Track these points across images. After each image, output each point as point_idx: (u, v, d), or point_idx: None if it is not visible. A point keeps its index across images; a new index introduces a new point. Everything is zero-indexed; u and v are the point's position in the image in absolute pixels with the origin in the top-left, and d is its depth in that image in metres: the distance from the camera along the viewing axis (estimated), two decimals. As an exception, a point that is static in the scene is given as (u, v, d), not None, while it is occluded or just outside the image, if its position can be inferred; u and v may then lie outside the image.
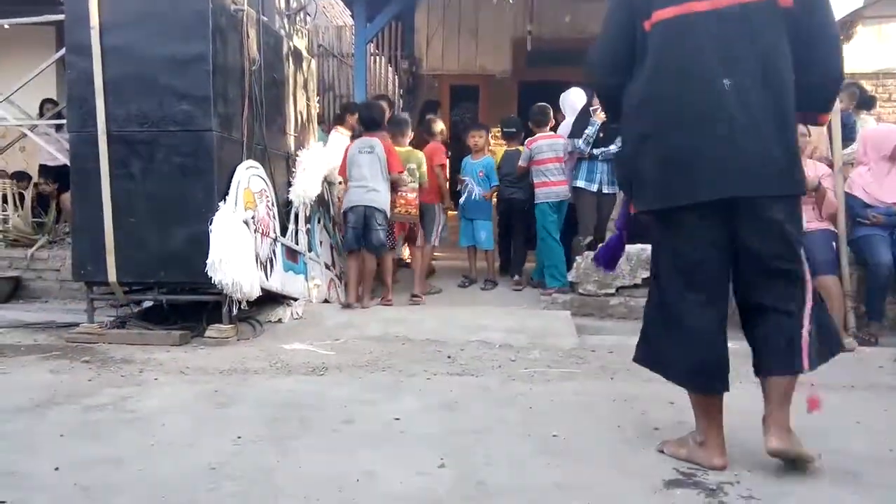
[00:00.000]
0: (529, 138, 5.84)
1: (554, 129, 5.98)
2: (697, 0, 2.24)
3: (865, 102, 6.10)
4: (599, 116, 5.49)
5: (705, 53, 2.23)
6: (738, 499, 2.16)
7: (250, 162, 4.59)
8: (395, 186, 5.21)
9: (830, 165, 4.73)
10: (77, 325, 4.48)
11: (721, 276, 2.39)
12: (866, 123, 5.71)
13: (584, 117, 5.63)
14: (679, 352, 2.46)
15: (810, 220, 4.60)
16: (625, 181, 2.68)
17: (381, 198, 5.09)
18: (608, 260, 3.20)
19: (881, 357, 4.03)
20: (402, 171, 5.22)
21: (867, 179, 4.68)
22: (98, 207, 4.24)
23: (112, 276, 4.28)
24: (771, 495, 2.18)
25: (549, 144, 5.69)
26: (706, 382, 2.45)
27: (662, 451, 2.52)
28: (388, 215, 5.18)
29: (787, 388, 2.36)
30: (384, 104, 5.92)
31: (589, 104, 5.61)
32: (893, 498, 2.17)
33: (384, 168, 5.08)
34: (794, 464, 2.35)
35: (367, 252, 5.12)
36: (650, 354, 2.66)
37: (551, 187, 5.65)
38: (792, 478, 2.31)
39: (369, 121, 5.29)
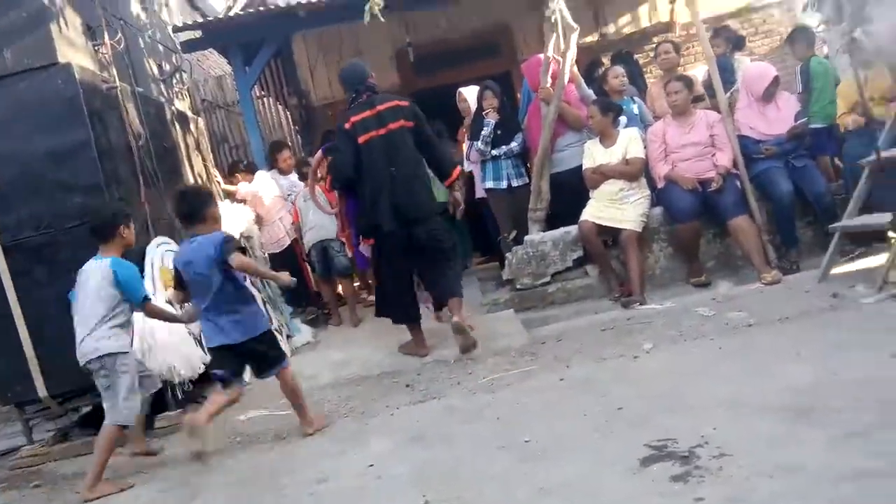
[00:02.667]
0: None
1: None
2: (373, 131, 4.26)
3: (737, 44, 6.41)
4: (492, 116, 5.57)
5: (381, 157, 4.27)
6: (711, 459, 2.24)
7: (160, 238, 4.44)
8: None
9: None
10: (17, 449, 4.25)
11: (405, 266, 4.43)
12: (742, 64, 5.99)
13: (478, 118, 5.70)
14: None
15: (709, 170, 4.82)
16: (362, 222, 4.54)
17: (330, 229, 5.54)
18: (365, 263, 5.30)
19: (806, 282, 4.25)
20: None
21: (751, 117, 4.92)
22: (10, 325, 4.03)
23: (42, 391, 4.06)
24: (740, 447, 2.27)
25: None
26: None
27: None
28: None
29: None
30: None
31: (480, 106, 5.68)
32: (847, 422, 2.29)
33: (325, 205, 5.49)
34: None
35: (339, 277, 5.65)
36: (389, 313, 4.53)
37: None
38: (754, 426, 2.42)
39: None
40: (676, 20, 7.90)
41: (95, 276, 3.47)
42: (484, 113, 5.58)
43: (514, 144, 5.59)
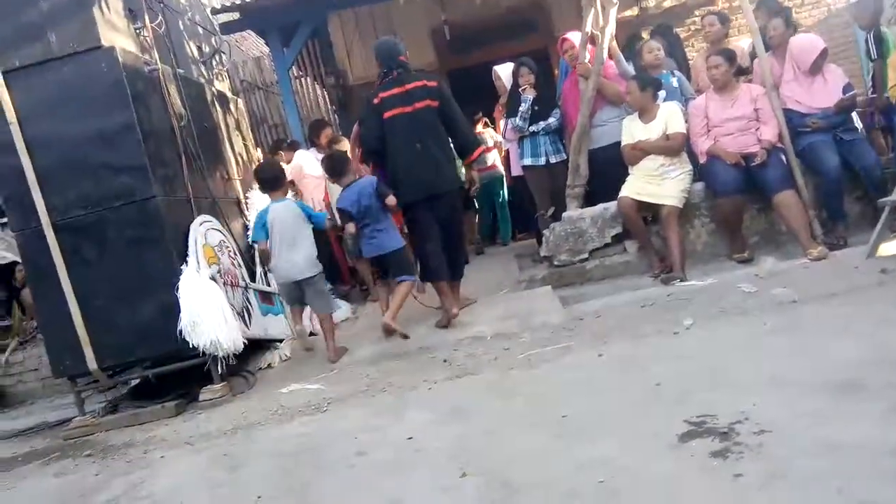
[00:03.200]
0: None
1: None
2: (400, 108, 4.49)
3: (780, 14, 6.21)
4: (529, 92, 5.52)
5: (407, 133, 4.50)
6: (751, 435, 2.21)
7: (203, 217, 4.54)
8: None
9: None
10: (69, 420, 4.40)
11: (435, 231, 4.58)
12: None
13: (514, 95, 5.66)
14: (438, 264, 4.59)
15: (752, 144, 4.70)
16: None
17: None
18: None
19: (854, 258, 4.13)
20: None
21: (797, 91, 4.78)
22: (62, 300, 4.16)
23: (92, 364, 4.20)
24: (781, 424, 2.23)
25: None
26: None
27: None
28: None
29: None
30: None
31: (516, 83, 5.63)
32: (894, 395, 2.23)
33: None
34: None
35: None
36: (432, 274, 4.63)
37: None
38: (797, 402, 2.37)
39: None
40: (721, -9, 7.70)
41: (289, 213, 4.54)
42: (521, 89, 5.53)
43: (552, 120, 5.54)
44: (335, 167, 4.73)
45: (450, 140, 4.66)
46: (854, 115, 4.93)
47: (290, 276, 4.50)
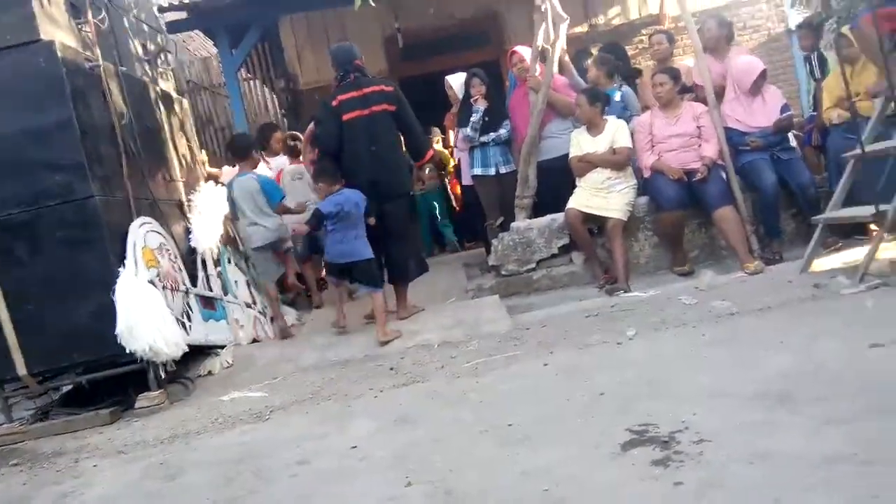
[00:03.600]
0: None
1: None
2: (357, 111, 4.62)
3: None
4: (481, 102, 5.56)
5: (363, 136, 4.64)
6: (691, 444, 2.26)
7: (142, 219, 4.40)
8: None
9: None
10: (-5, 428, 4.20)
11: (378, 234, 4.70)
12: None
13: (466, 105, 5.69)
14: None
15: (694, 161, 4.84)
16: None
17: None
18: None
19: (789, 272, 4.29)
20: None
21: (737, 110, 4.95)
22: (-11, 302, 3.97)
23: (21, 369, 4.01)
24: (719, 433, 2.29)
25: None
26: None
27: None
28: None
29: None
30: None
31: (468, 93, 5.68)
32: (825, 410, 2.32)
33: None
34: None
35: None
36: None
37: None
38: (734, 413, 2.44)
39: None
40: (666, 13, 7.92)
41: (251, 185, 5.15)
42: (472, 100, 5.57)
43: (502, 131, 5.59)
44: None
45: (402, 144, 4.85)
46: (790, 134, 5.13)
47: (266, 239, 5.10)
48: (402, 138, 4.88)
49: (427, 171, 6.48)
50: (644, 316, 3.96)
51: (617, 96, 5.43)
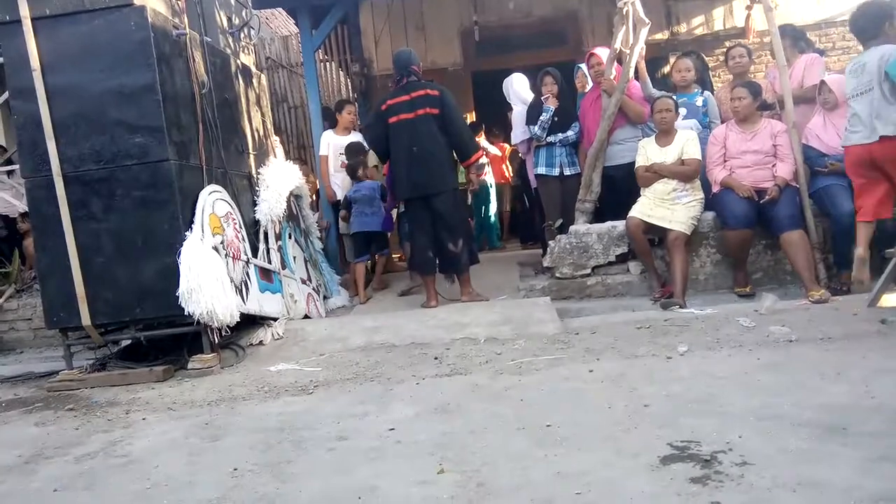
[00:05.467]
0: None
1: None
2: (403, 114, 5.04)
3: (798, 41, 6.18)
4: (552, 102, 5.52)
5: (406, 137, 5.05)
6: (733, 466, 2.20)
7: (212, 186, 4.54)
8: None
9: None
10: (56, 373, 4.41)
11: (427, 227, 5.17)
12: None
13: (536, 103, 5.65)
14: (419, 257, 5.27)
15: (767, 180, 4.68)
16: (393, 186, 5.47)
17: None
18: (391, 224, 6.18)
19: (855, 305, 4.11)
20: None
21: (821, 128, 4.76)
22: (63, 251, 4.17)
23: (86, 319, 4.21)
24: (763, 458, 2.23)
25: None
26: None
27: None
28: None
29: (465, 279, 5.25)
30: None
31: (539, 92, 5.64)
32: (880, 445, 2.23)
33: None
34: None
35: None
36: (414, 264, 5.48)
37: None
38: (782, 438, 2.36)
39: None
40: (752, 26, 7.69)
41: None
42: (543, 98, 5.53)
43: (570, 133, 5.54)
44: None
45: (446, 144, 5.10)
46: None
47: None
48: (444, 140, 5.10)
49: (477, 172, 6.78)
50: (698, 333, 3.87)
51: (699, 101, 5.30)
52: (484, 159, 7.78)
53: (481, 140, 8.13)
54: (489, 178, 8.25)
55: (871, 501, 1.89)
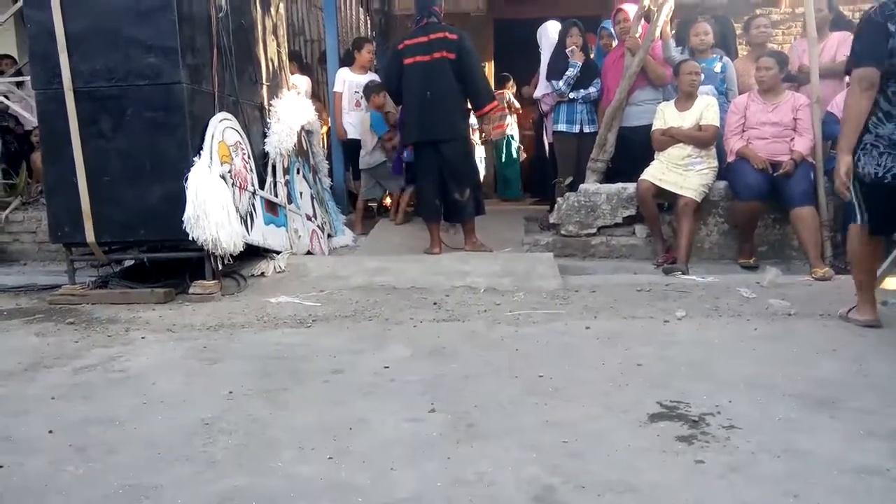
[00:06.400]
0: None
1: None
2: (419, 56, 4.90)
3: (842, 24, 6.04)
4: (578, 56, 5.41)
5: (420, 80, 4.92)
6: (720, 428, 2.23)
7: (223, 114, 4.49)
8: None
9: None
10: (58, 286, 4.44)
11: (434, 173, 5.09)
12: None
13: (559, 56, 5.55)
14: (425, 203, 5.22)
15: (783, 153, 4.62)
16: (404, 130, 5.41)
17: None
18: (399, 167, 6.11)
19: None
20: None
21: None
22: (70, 167, 4.15)
23: (90, 236, 4.22)
24: (751, 423, 2.26)
25: None
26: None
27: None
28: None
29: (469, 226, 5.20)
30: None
31: (563, 43, 5.52)
32: (868, 421, 2.25)
33: None
34: None
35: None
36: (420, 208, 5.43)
37: None
38: (771, 406, 2.39)
39: None
40: (786, -5, 7.49)
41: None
42: (568, 50, 5.42)
43: (592, 90, 5.47)
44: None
45: (460, 91, 4.97)
46: None
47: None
48: (459, 86, 4.97)
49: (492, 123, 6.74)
50: (697, 300, 3.88)
51: (717, 66, 5.20)
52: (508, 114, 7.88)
53: (510, 93, 8.10)
54: (514, 129, 8.30)
55: (854, 473, 1.92)
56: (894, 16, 2.93)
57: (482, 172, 8.40)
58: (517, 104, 8.32)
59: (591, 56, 5.79)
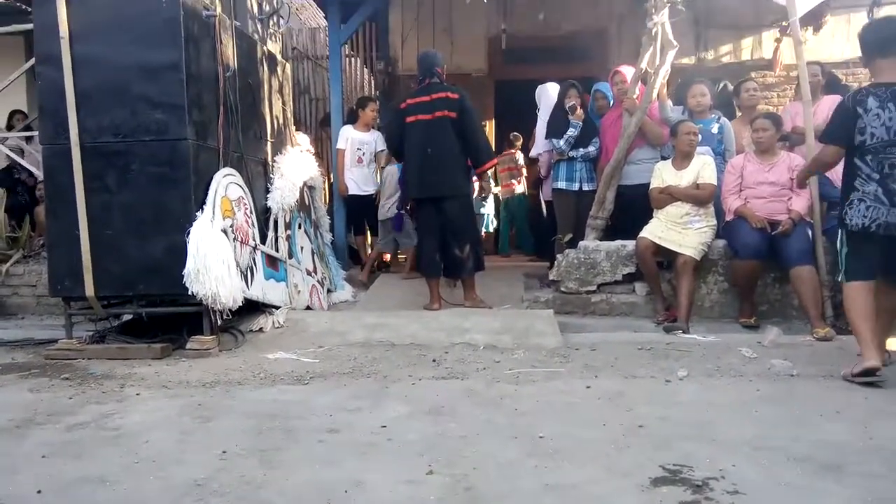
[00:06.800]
0: None
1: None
2: (421, 115, 5.02)
3: (834, 87, 6.17)
4: (579, 115, 5.51)
5: (421, 138, 5.04)
6: (724, 494, 2.18)
7: (227, 170, 4.55)
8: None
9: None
10: (55, 341, 4.42)
11: (435, 229, 5.14)
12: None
13: (558, 115, 5.65)
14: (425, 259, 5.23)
15: (781, 213, 4.65)
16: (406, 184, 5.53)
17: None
18: (399, 225, 6.28)
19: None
20: None
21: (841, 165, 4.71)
22: (73, 221, 4.18)
23: (90, 290, 4.22)
24: (756, 488, 2.20)
25: None
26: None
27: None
28: None
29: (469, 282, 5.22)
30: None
31: (562, 103, 5.63)
32: (876, 487, 2.20)
33: None
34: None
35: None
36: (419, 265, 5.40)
37: None
38: (776, 471, 2.34)
39: None
40: (780, 59, 7.66)
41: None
42: (568, 108, 5.52)
43: (591, 149, 5.55)
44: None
45: (460, 149, 5.05)
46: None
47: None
48: (459, 144, 5.05)
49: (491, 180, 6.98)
50: (699, 360, 3.85)
51: (714, 128, 5.28)
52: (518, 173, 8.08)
53: (520, 154, 8.39)
54: (522, 187, 8.51)
55: (862, 542, 1.87)
56: (863, 101, 3.44)
57: (493, 226, 8.58)
58: (522, 163, 8.52)
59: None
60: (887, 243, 3.46)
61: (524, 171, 8.73)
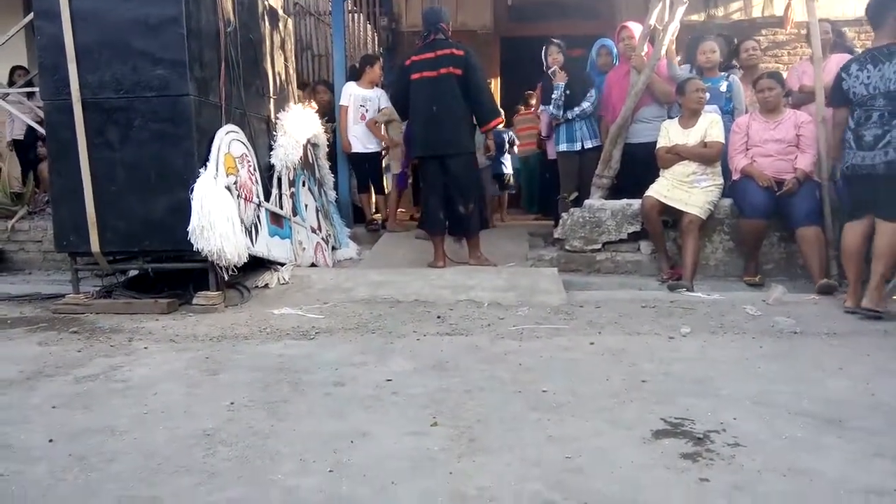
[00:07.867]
0: None
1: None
2: (426, 72, 4.95)
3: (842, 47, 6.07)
4: (560, 77, 5.45)
5: (426, 95, 4.97)
6: (725, 446, 2.20)
7: (230, 126, 4.52)
8: None
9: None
10: (62, 296, 4.45)
11: (439, 188, 5.12)
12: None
13: (547, 82, 5.60)
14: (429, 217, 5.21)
15: (788, 171, 4.61)
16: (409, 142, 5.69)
17: None
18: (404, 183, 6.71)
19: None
20: None
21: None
22: (77, 177, 4.17)
23: (95, 246, 4.23)
24: (757, 441, 2.23)
25: None
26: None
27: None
28: None
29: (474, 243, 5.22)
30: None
31: (546, 66, 5.58)
32: (876, 442, 2.22)
33: None
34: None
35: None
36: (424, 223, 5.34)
37: None
38: (777, 425, 2.37)
39: None
40: (791, 16, 7.53)
41: None
42: (549, 71, 5.47)
43: (585, 105, 5.48)
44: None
45: (465, 107, 4.99)
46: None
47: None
48: (464, 102, 4.99)
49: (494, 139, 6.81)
50: (703, 317, 3.86)
51: (723, 86, 5.20)
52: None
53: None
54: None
55: (861, 494, 1.89)
56: (847, 67, 4.03)
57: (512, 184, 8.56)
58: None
59: (587, 70, 5.79)
60: (867, 182, 3.90)
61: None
